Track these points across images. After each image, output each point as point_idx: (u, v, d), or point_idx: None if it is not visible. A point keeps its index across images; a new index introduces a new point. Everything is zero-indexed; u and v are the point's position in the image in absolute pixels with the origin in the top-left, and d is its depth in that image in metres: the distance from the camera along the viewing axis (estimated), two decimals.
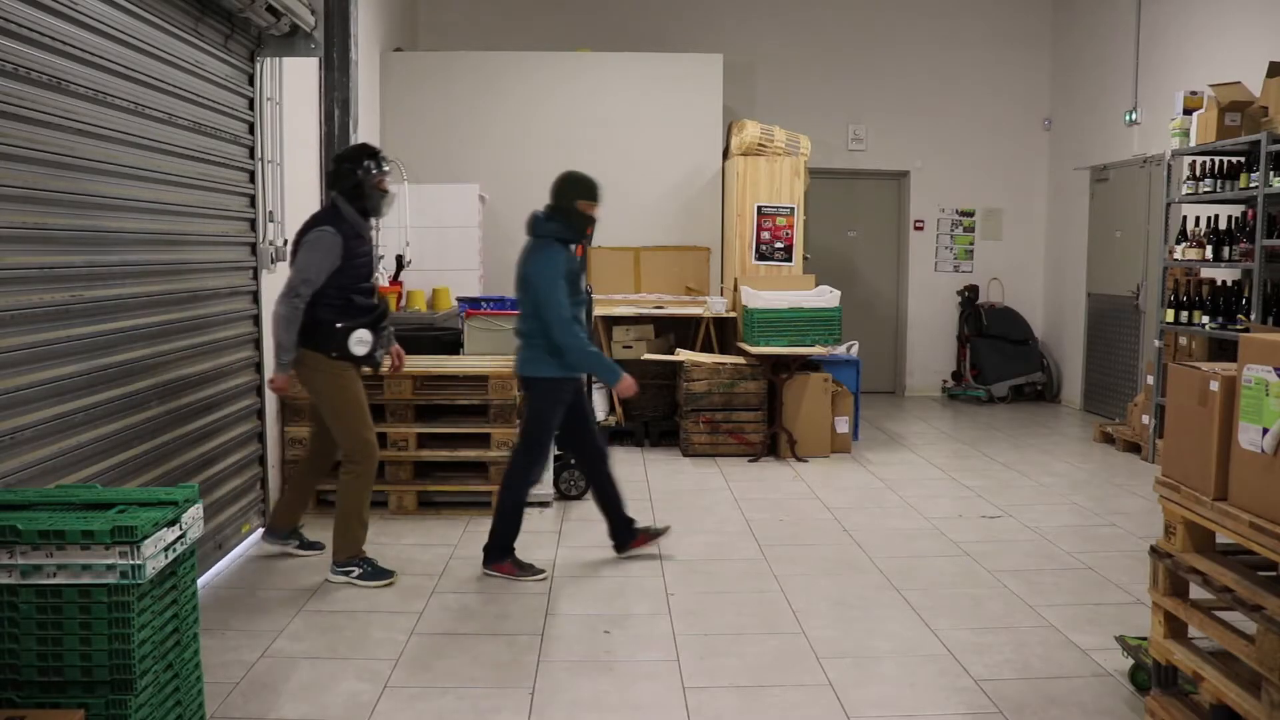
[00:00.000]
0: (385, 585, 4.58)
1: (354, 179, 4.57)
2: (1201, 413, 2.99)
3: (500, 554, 4.76)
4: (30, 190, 3.27)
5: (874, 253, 10.84)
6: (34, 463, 3.27)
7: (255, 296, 5.25)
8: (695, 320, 8.18)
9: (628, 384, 4.72)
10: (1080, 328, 9.80)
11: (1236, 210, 6.93)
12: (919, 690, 3.58)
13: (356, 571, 4.61)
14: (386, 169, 4.67)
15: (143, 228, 4.04)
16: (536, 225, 4.80)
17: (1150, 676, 3.30)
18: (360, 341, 4.54)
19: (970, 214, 10.65)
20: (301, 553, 4.99)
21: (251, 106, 5.17)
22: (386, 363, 4.93)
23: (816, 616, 4.27)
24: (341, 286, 4.50)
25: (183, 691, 2.73)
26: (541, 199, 9.08)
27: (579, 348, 4.63)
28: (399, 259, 7.77)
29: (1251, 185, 6.36)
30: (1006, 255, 10.64)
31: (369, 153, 4.65)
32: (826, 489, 6.53)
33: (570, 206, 4.75)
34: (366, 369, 4.71)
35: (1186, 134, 6.99)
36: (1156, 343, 7.43)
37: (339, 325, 4.49)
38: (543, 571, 4.77)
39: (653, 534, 5.11)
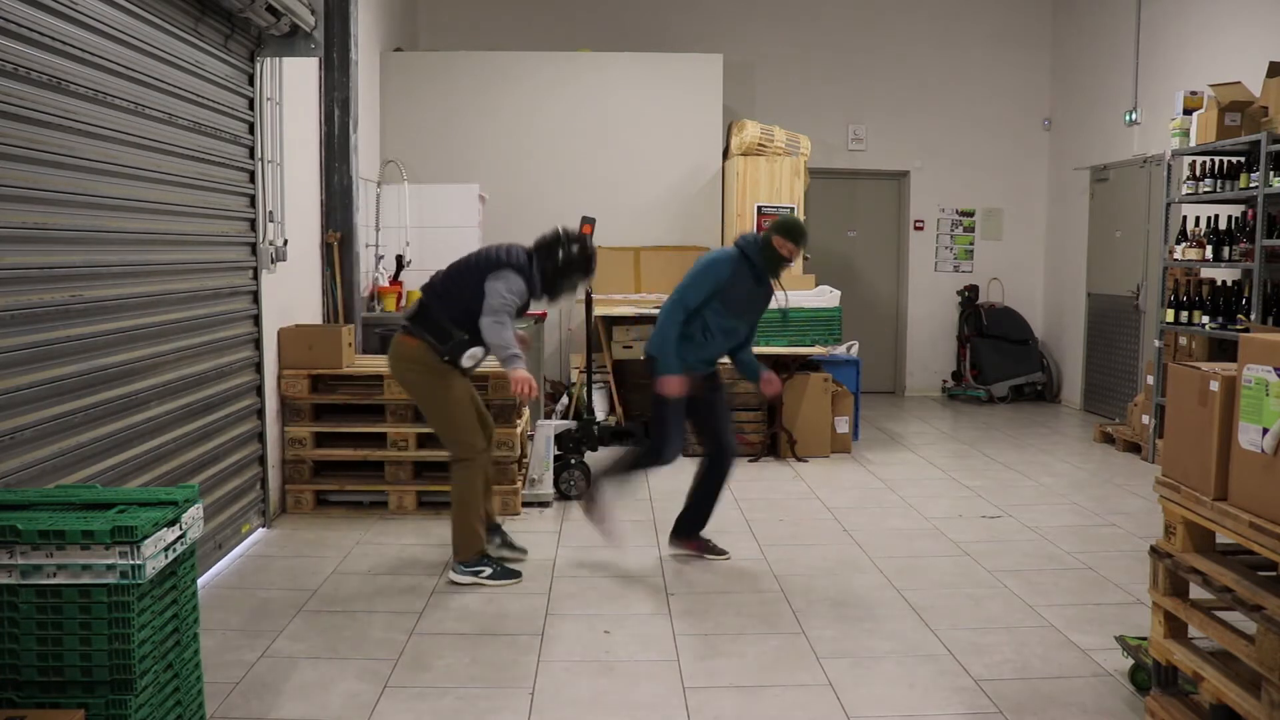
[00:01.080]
0: (508, 585, 4.62)
1: (558, 258, 4.67)
2: (1201, 413, 2.99)
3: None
4: (30, 190, 3.27)
5: (874, 253, 10.84)
6: (34, 463, 3.27)
7: (255, 296, 5.26)
8: None
9: (668, 383, 4.77)
10: (1080, 328, 9.80)
11: (1236, 210, 6.93)
12: (919, 690, 3.58)
13: (486, 571, 4.65)
14: (590, 271, 4.79)
15: (143, 228, 4.04)
16: (742, 239, 4.97)
17: (1150, 676, 3.30)
18: (472, 357, 4.64)
19: (970, 214, 10.65)
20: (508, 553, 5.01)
21: (251, 106, 5.17)
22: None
23: (816, 616, 4.27)
24: (474, 312, 4.55)
25: (183, 691, 2.73)
26: (541, 198, 9.10)
27: (661, 328, 4.83)
28: (399, 259, 7.78)
29: (1251, 185, 6.36)
30: (1006, 255, 10.64)
31: (583, 245, 4.73)
32: (826, 489, 6.53)
33: (769, 239, 4.89)
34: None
35: (1186, 134, 6.99)
36: (1156, 343, 7.43)
37: (465, 336, 4.57)
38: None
39: (711, 549, 5.12)
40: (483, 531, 4.71)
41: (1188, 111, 6.99)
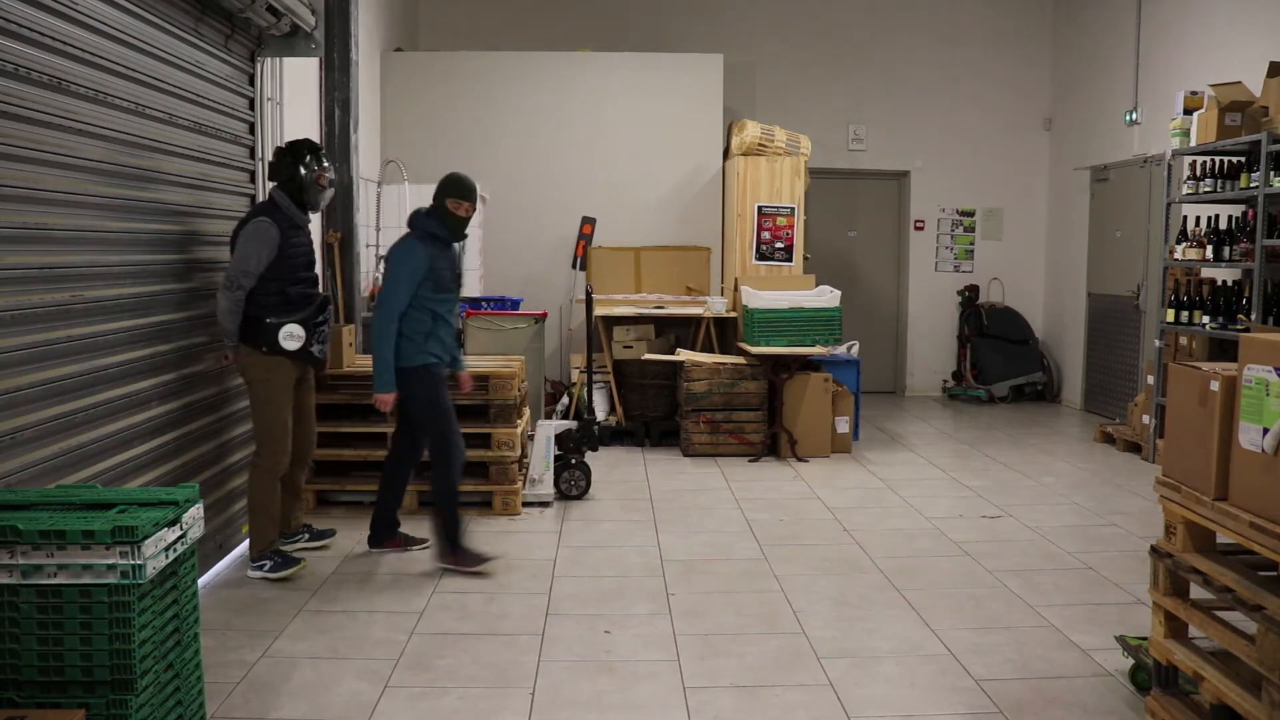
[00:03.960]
0: (291, 574, 4.61)
1: (292, 172, 4.60)
2: (1202, 413, 2.99)
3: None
4: (31, 190, 3.27)
5: (874, 253, 10.84)
6: (34, 463, 3.27)
7: None
8: (695, 320, 8.18)
9: (384, 400, 4.70)
10: (1080, 328, 9.80)
11: (1237, 210, 6.93)
12: (919, 690, 3.58)
13: (268, 565, 4.64)
14: (325, 164, 4.70)
15: (143, 228, 4.04)
16: (411, 219, 4.83)
17: (1150, 676, 3.30)
18: (291, 336, 4.54)
19: (970, 214, 10.65)
20: (312, 545, 5.03)
21: (252, 107, 5.17)
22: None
23: (816, 616, 4.27)
24: (278, 279, 4.52)
25: (183, 691, 2.73)
26: (541, 198, 9.12)
27: (379, 338, 4.66)
28: None
29: (1252, 185, 6.36)
30: (1006, 255, 10.64)
31: (309, 147, 4.67)
32: (827, 489, 6.53)
33: (440, 204, 4.77)
34: (311, 366, 4.76)
35: (1187, 134, 6.99)
36: (1157, 343, 7.43)
37: (268, 320, 4.50)
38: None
39: (411, 541, 5.12)
40: (273, 531, 4.68)
41: (1188, 111, 6.99)
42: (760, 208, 8.28)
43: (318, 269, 5.05)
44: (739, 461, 7.30)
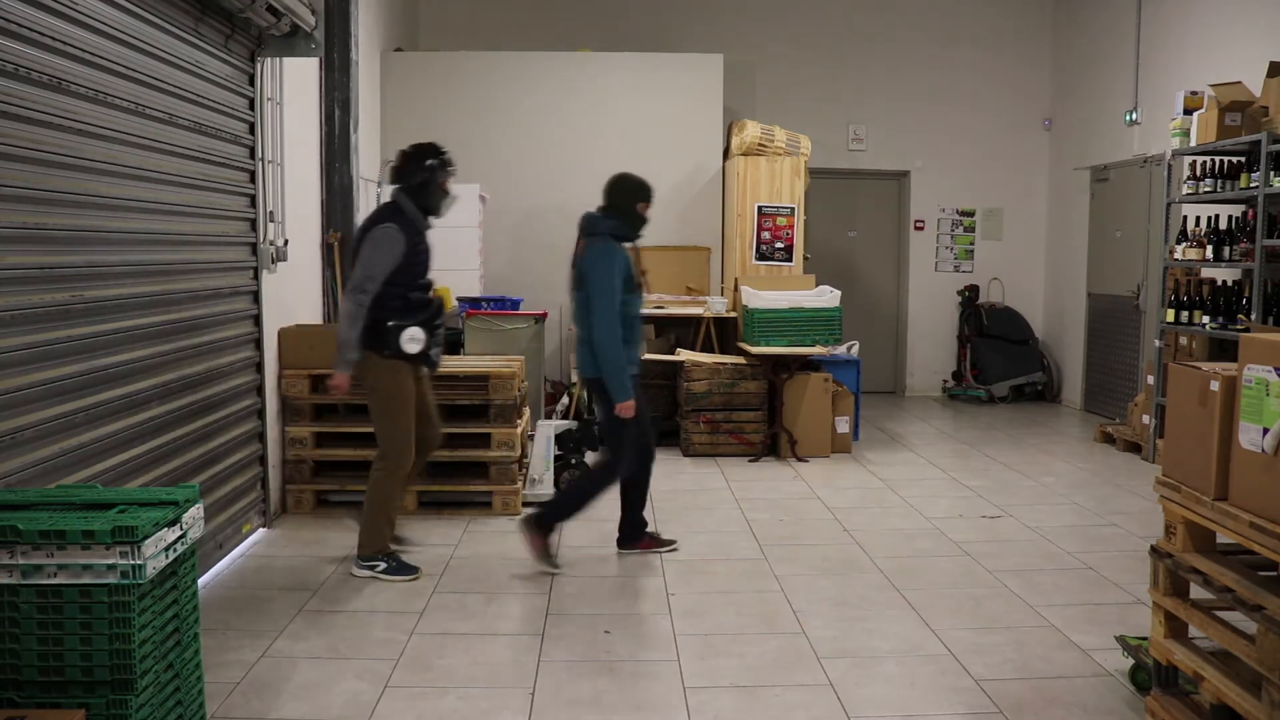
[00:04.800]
0: (410, 580, 4.63)
1: (420, 176, 4.59)
2: (1202, 413, 2.99)
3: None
4: (31, 190, 3.27)
5: (874, 253, 10.84)
6: (34, 463, 3.27)
7: (256, 296, 5.26)
8: (695, 320, 8.18)
9: (627, 407, 4.72)
10: (1080, 328, 9.80)
11: (1237, 210, 6.93)
12: (919, 690, 3.58)
13: (381, 566, 4.65)
14: (451, 169, 4.70)
15: (143, 228, 4.04)
16: (593, 224, 4.88)
17: (1150, 676, 3.30)
18: (413, 339, 4.55)
19: (970, 214, 10.65)
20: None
21: (252, 106, 5.17)
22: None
23: (816, 616, 4.27)
24: (402, 284, 4.52)
25: (183, 691, 2.73)
26: (541, 198, 9.11)
27: (611, 352, 4.67)
28: None
29: (1252, 185, 6.36)
30: (1006, 255, 10.64)
31: (435, 151, 4.66)
32: (827, 489, 6.53)
33: (629, 207, 4.89)
34: (425, 369, 4.74)
35: (1187, 134, 6.99)
36: (1157, 343, 7.43)
37: (390, 324, 4.50)
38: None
39: (660, 542, 5.17)
40: (389, 531, 4.71)
41: (1188, 111, 6.99)
42: (760, 208, 8.28)
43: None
44: (739, 461, 7.29)
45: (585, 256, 4.81)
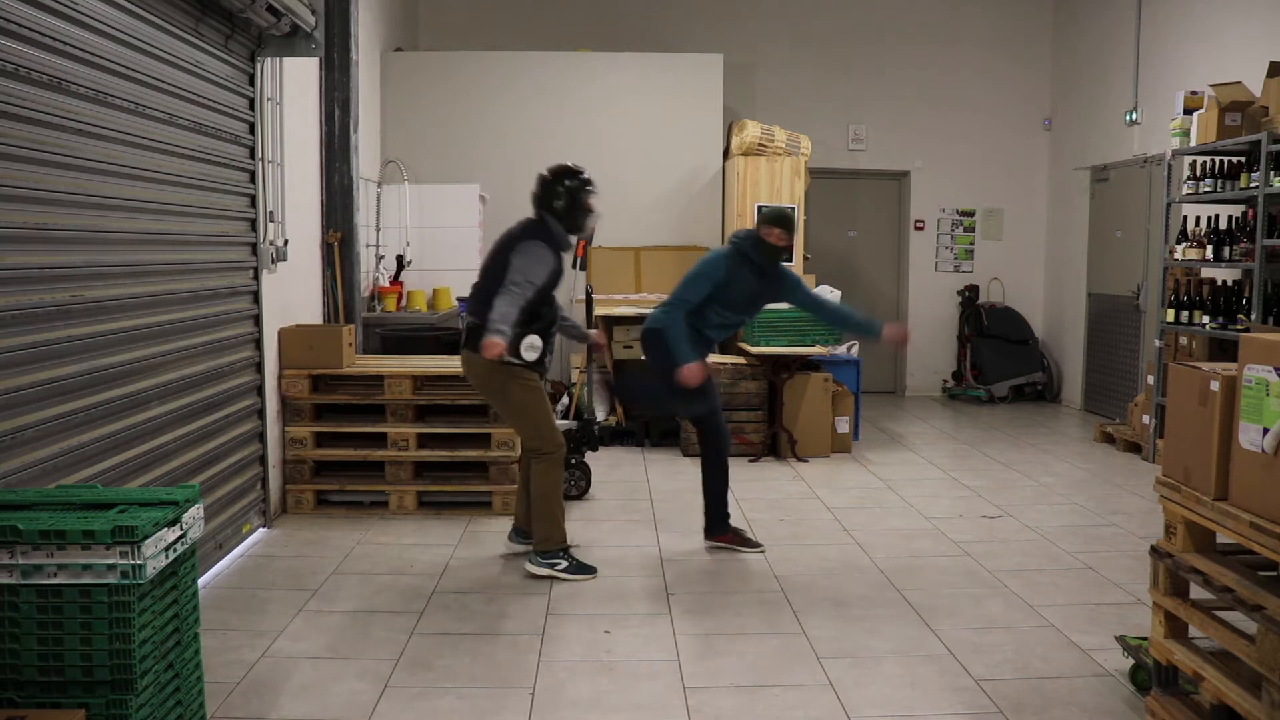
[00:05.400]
0: (587, 579, 4.68)
1: (564, 198, 4.68)
2: (1202, 413, 2.99)
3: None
4: (31, 190, 3.27)
5: (874, 253, 10.84)
6: (34, 463, 3.27)
7: (256, 296, 5.26)
8: None
9: (691, 370, 4.88)
10: (1080, 328, 9.80)
11: (1237, 210, 6.93)
12: (919, 690, 3.58)
13: (563, 565, 4.71)
14: (592, 188, 4.77)
15: (143, 228, 4.04)
16: (737, 237, 5.17)
17: (1150, 676, 3.30)
18: (530, 347, 4.62)
19: (970, 214, 10.65)
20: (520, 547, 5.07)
21: (252, 106, 5.17)
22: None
23: (816, 616, 4.27)
24: (537, 298, 4.61)
25: (183, 691, 2.73)
26: None
27: (672, 330, 4.99)
28: (399, 259, 7.78)
29: (1252, 185, 6.36)
30: (1006, 255, 10.64)
31: (574, 172, 4.76)
32: (827, 489, 6.53)
33: (759, 236, 5.09)
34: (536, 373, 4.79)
35: (1187, 134, 6.99)
36: (1157, 343, 7.43)
37: (516, 331, 4.56)
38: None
39: (745, 542, 5.24)
40: (564, 523, 4.77)
41: (1188, 111, 6.99)
42: (760, 208, 8.27)
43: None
44: (739, 461, 7.28)
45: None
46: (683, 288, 5.03)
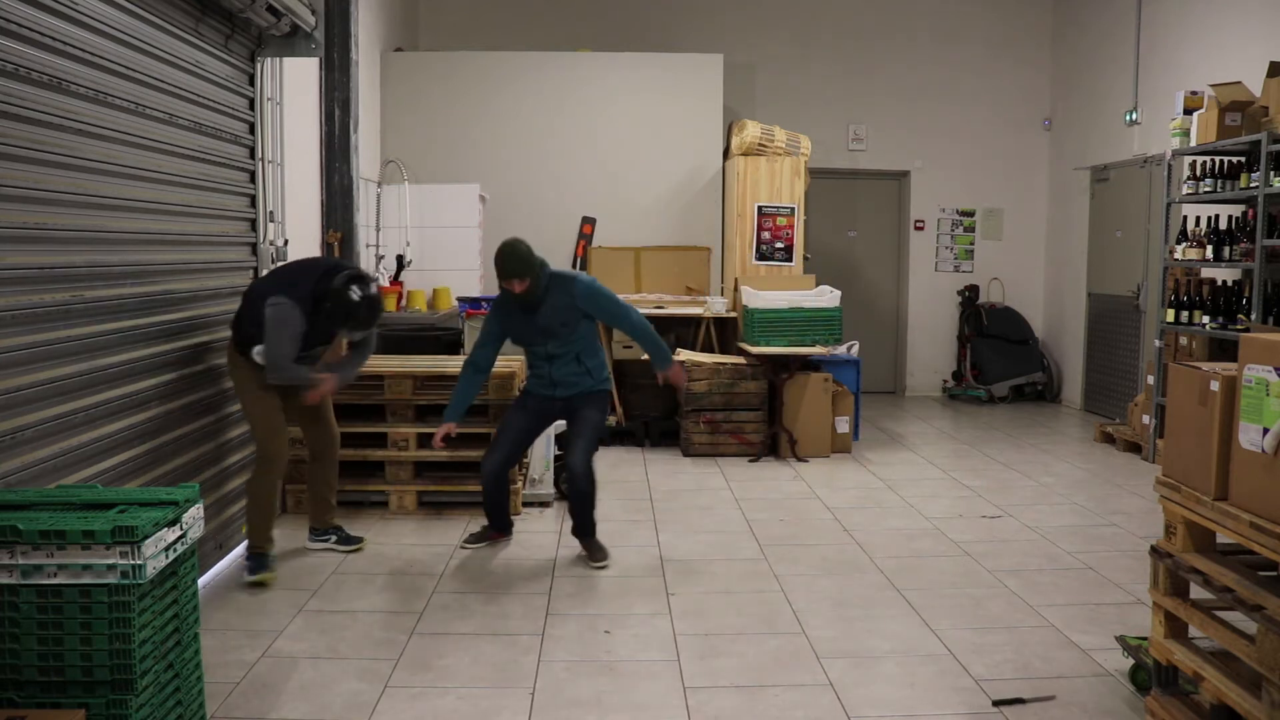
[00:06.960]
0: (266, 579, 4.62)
1: (325, 304, 4.49)
2: (1202, 413, 2.99)
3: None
4: (31, 190, 3.27)
5: (874, 253, 10.84)
6: (34, 463, 3.27)
7: None
8: (695, 320, 8.18)
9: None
10: (1080, 328, 9.80)
11: (1237, 210, 6.93)
12: (919, 690, 3.58)
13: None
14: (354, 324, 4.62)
15: (143, 228, 4.04)
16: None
17: (1150, 676, 3.30)
18: (258, 353, 4.48)
19: (970, 214, 10.65)
20: (341, 548, 5.04)
21: (252, 106, 5.17)
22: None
23: (816, 616, 4.27)
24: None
25: (183, 691, 2.73)
26: (541, 198, 9.07)
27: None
28: (399, 259, 7.77)
29: (1252, 185, 6.36)
30: (1006, 255, 10.64)
31: (348, 297, 4.48)
32: (827, 489, 6.53)
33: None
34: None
35: (1187, 134, 6.99)
36: (1157, 343, 7.43)
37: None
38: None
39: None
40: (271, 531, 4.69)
41: (1188, 111, 6.99)
42: (760, 208, 8.28)
43: None
44: (739, 461, 7.30)
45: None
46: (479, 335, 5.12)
